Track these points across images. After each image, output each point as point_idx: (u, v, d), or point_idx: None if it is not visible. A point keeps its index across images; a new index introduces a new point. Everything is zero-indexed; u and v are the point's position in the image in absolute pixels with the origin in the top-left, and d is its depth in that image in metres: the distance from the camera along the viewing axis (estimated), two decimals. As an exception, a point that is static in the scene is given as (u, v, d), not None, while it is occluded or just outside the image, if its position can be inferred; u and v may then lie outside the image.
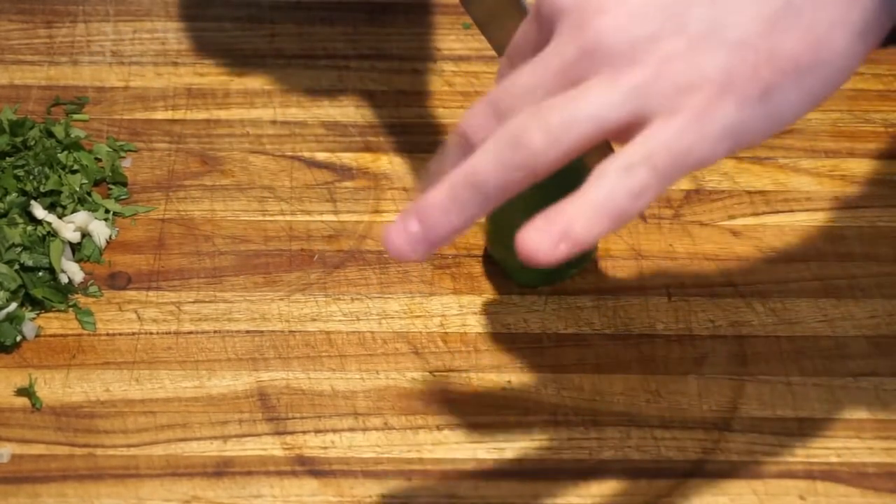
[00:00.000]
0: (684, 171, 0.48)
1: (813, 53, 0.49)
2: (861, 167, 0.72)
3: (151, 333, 0.64)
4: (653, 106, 0.48)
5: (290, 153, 0.72)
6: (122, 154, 0.71)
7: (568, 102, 0.48)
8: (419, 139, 0.73)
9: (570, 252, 0.47)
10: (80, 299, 0.65)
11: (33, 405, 0.61)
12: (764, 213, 0.70)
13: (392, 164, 0.71)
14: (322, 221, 0.69)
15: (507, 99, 0.50)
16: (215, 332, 0.64)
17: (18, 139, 0.70)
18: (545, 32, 0.51)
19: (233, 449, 0.59)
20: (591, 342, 0.64)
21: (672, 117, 0.48)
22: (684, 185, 0.71)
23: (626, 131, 0.49)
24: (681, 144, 0.48)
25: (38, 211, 0.66)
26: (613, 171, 0.47)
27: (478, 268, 0.67)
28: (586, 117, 0.48)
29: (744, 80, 0.48)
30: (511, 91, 0.50)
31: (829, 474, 0.59)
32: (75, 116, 0.73)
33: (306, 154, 0.72)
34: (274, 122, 0.74)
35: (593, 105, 0.48)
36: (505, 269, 0.66)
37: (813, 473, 0.59)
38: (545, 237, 0.47)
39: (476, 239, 0.68)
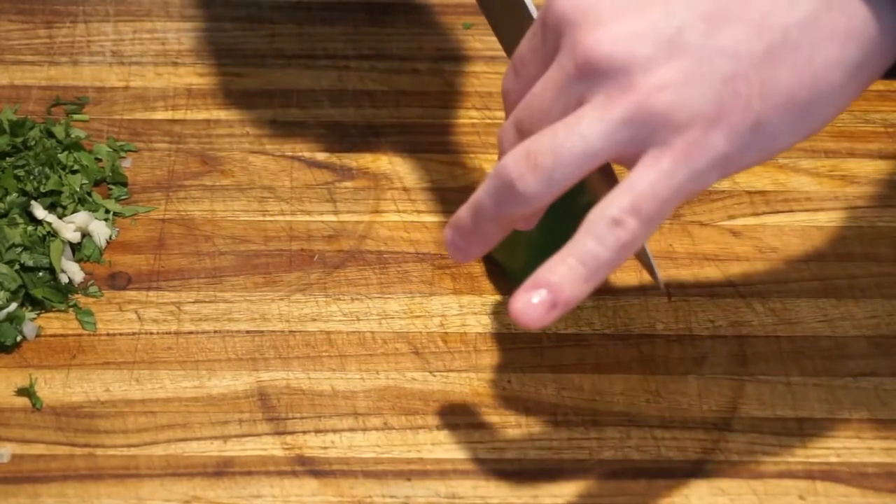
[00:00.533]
0: (671, 209, 0.49)
1: (809, 90, 0.48)
2: (861, 167, 0.72)
3: (152, 333, 0.64)
4: (643, 138, 0.48)
5: (290, 153, 0.72)
6: (123, 154, 0.71)
7: (559, 139, 0.48)
8: (419, 139, 0.73)
9: (562, 314, 0.49)
10: (81, 299, 0.65)
11: (33, 405, 0.61)
12: (764, 213, 0.70)
13: (392, 164, 0.71)
14: (322, 221, 0.69)
15: (527, 119, 0.51)
16: (215, 332, 0.64)
17: (19, 139, 0.70)
18: (551, 42, 0.51)
19: (233, 449, 0.59)
20: (591, 342, 0.64)
21: (661, 156, 0.48)
22: (684, 185, 0.71)
23: (618, 159, 0.49)
24: (668, 187, 0.48)
25: (39, 211, 0.66)
26: (601, 224, 0.48)
27: (478, 268, 0.67)
28: (578, 154, 0.48)
29: (735, 113, 0.48)
30: (530, 111, 0.51)
31: (829, 474, 0.59)
32: (75, 116, 0.73)
33: (306, 154, 0.72)
34: (274, 122, 0.74)
35: (585, 139, 0.48)
36: (505, 270, 0.66)
37: (813, 473, 0.59)
38: (537, 307, 0.48)
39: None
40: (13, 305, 0.63)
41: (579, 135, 0.48)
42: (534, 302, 0.48)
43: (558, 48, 0.50)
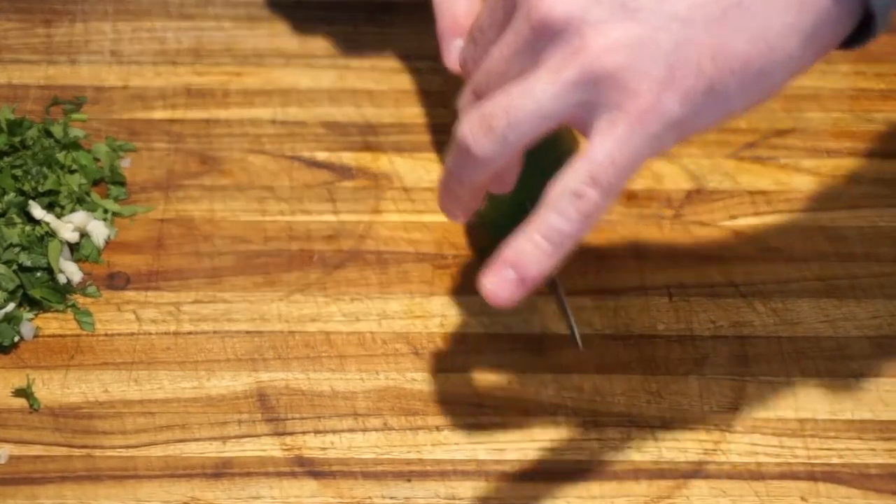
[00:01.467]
0: (631, 174, 0.49)
1: (763, 57, 0.49)
2: (863, 167, 0.72)
3: (150, 334, 0.63)
4: (595, 101, 0.49)
5: (289, 153, 0.72)
6: (121, 154, 0.71)
7: (512, 100, 0.49)
8: (419, 139, 0.73)
9: (533, 288, 0.49)
10: (79, 299, 0.65)
11: (31, 406, 0.60)
12: (765, 212, 0.69)
13: (392, 164, 0.71)
14: (322, 221, 0.68)
15: (484, 83, 0.52)
16: (214, 332, 0.64)
17: (17, 139, 0.69)
18: (508, 7, 0.51)
19: (232, 450, 0.59)
20: (592, 342, 0.64)
21: (615, 121, 0.49)
22: (685, 184, 0.70)
23: (573, 122, 0.50)
24: (625, 154, 0.49)
25: (37, 211, 0.66)
26: (562, 198, 0.49)
27: (478, 268, 0.66)
28: (530, 115, 0.49)
29: (687, 77, 0.48)
30: (487, 75, 0.52)
31: (831, 475, 0.59)
32: (74, 116, 0.73)
33: (306, 154, 0.72)
34: (273, 122, 0.73)
35: (536, 101, 0.49)
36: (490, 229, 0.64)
37: (815, 474, 0.59)
38: (506, 286, 0.50)
39: (477, 239, 0.67)
40: (11, 306, 0.63)
41: (531, 96, 0.49)
42: (502, 281, 0.50)
43: (514, 13, 0.50)
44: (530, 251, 0.49)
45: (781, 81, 0.50)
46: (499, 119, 0.49)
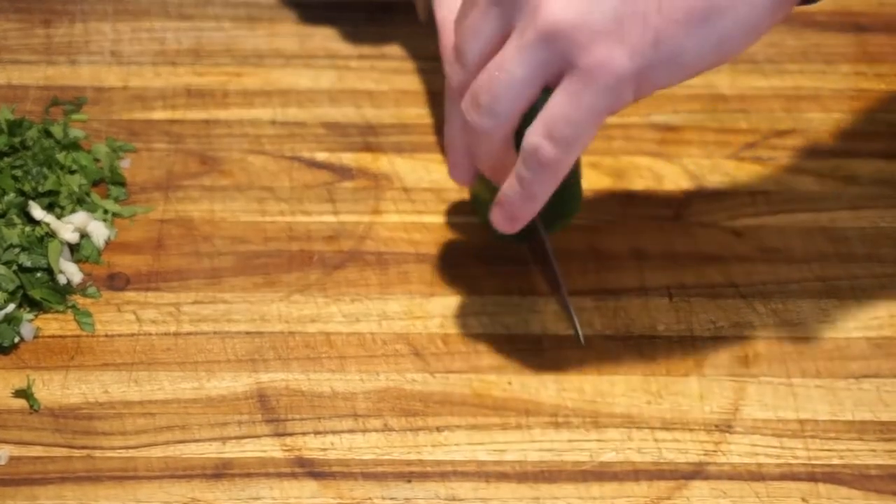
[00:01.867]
0: (591, 128, 0.53)
1: (706, 3, 0.50)
2: (863, 167, 0.72)
3: (150, 334, 0.63)
4: (558, 60, 0.52)
5: (289, 153, 0.72)
6: (121, 154, 0.71)
7: (491, 74, 0.54)
8: (419, 139, 0.73)
9: (526, 221, 0.57)
10: (79, 300, 0.65)
11: (31, 407, 0.60)
12: (766, 213, 0.69)
13: (392, 164, 0.71)
14: (322, 222, 0.68)
15: (460, 42, 0.56)
16: (214, 333, 0.64)
17: (16, 139, 0.69)
18: None
19: (232, 450, 0.59)
20: (592, 343, 0.63)
21: (570, 78, 0.52)
22: (685, 184, 0.70)
23: (551, 83, 0.53)
24: (578, 107, 0.52)
25: (37, 211, 0.66)
26: (525, 151, 0.54)
27: (478, 268, 0.66)
28: (509, 85, 0.53)
29: (634, 30, 0.51)
30: (461, 36, 0.55)
31: (832, 476, 0.59)
32: (74, 116, 0.73)
33: (306, 154, 0.72)
34: (273, 122, 0.73)
35: (510, 71, 0.53)
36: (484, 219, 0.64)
37: (815, 475, 0.59)
38: (503, 221, 0.58)
39: (477, 239, 0.67)
40: (11, 306, 0.63)
41: (505, 68, 0.53)
42: (501, 219, 0.58)
43: None
44: (511, 196, 0.56)
45: (735, 32, 0.52)
46: (484, 95, 0.54)
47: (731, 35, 0.52)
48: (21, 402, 0.61)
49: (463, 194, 0.69)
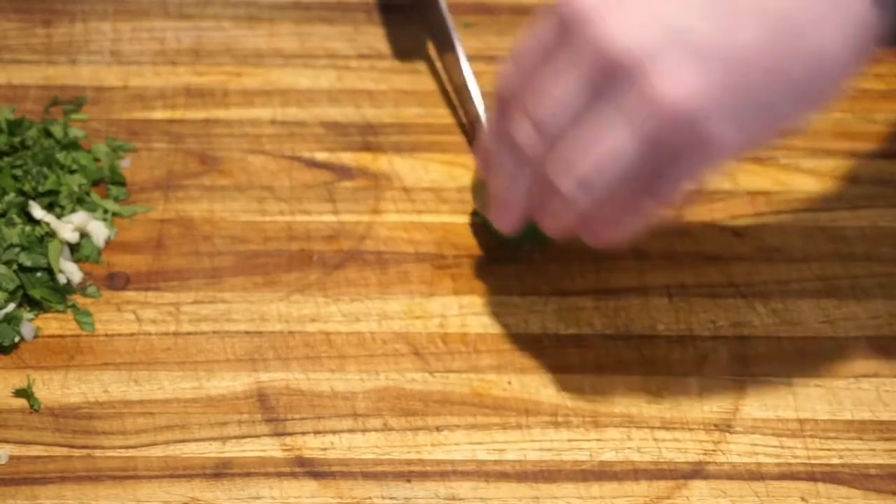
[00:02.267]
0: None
1: (814, 76, 0.50)
2: (863, 167, 0.72)
3: (150, 334, 0.63)
4: (670, 143, 0.50)
5: (289, 153, 0.72)
6: (121, 154, 0.71)
7: (592, 147, 0.50)
8: (419, 139, 0.73)
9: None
10: (79, 300, 0.65)
11: (31, 406, 0.60)
12: (766, 213, 0.69)
13: (392, 164, 0.71)
14: (321, 221, 0.68)
15: (542, 115, 0.52)
16: (214, 332, 0.64)
17: (16, 139, 0.69)
18: (560, 35, 0.51)
19: (232, 450, 0.59)
20: (592, 343, 0.63)
21: (677, 158, 0.50)
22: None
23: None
24: (689, 184, 0.52)
25: (37, 211, 0.66)
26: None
27: (478, 268, 0.66)
28: (612, 165, 0.50)
29: (750, 114, 0.50)
30: (542, 106, 0.51)
31: (831, 476, 0.59)
32: (74, 116, 0.73)
33: (305, 154, 0.72)
34: (273, 122, 0.73)
35: (617, 153, 0.50)
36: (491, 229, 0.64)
37: (815, 475, 0.59)
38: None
39: (477, 239, 0.67)
40: (11, 306, 0.63)
41: (611, 148, 0.50)
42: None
43: (566, 37, 0.50)
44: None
45: (828, 94, 0.52)
46: (582, 165, 0.51)
47: (828, 93, 0.52)
48: (21, 402, 0.61)
49: (462, 194, 0.69)
